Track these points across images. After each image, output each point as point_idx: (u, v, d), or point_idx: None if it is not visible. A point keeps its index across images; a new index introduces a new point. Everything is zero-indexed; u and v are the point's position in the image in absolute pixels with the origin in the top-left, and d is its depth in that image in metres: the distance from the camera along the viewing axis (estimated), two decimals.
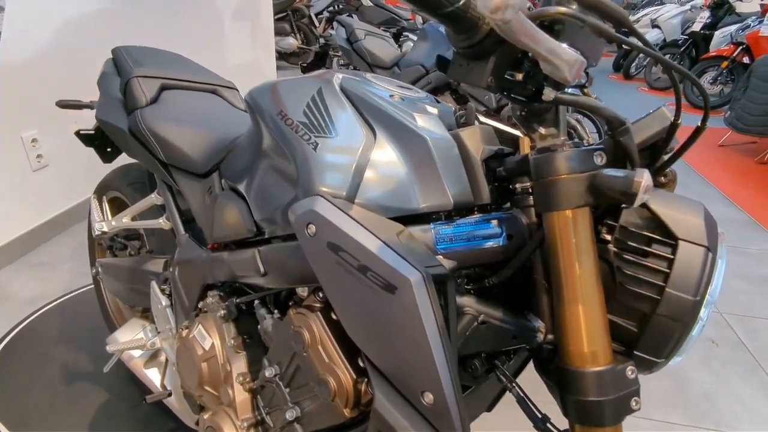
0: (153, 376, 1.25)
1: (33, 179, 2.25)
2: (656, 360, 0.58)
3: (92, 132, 1.39)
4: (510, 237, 0.63)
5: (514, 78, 0.52)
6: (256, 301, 0.88)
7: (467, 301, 0.63)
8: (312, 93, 0.72)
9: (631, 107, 5.42)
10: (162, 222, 1.13)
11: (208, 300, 0.95)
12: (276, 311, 0.85)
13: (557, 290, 0.57)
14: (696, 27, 6.44)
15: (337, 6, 6.66)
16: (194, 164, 1.00)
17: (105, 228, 1.35)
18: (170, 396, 1.14)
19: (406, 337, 0.55)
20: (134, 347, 1.23)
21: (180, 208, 1.11)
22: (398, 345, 0.56)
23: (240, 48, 4.08)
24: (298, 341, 0.70)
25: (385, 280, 0.55)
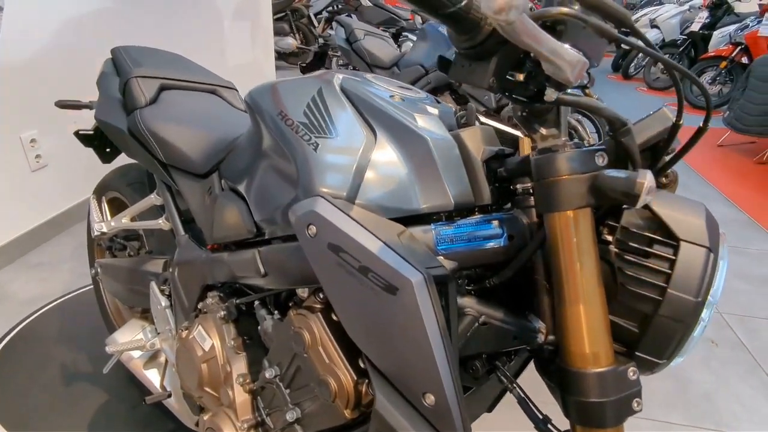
0: (152, 377, 1.25)
1: (32, 179, 2.25)
2: (658, 361, 0.58)
3: (91, 132, 1.39)
4: (511, 238, 0.63)
5: (516, 78, 0.52)
6: (256, 302, 0.87)
7: (468, 302, 0.63)
8: (312, 93, 0.72)
9: (630, 107, 5.41)
10: (161, 222, 1.13)
11: (208, 301, 0.94)
12: (276, 312, 0.85)
13: (558, 291, 0.56)
14: (695, 27, 6.44)
15: (336, 6, 6.65)
16: (194, 164, 0.99)
17: (104, 228, 1.35)
18: (170, 397, 1.14)
19: (408, 339, 0.55)
20: (134, 348, 1.22)
21: (179, 209, 1.11)
22: (399, 346, 0.56)
23: (239, 48, 4.07)
24: (299, 342, 0.70)
25: (387, 281, 0.55)
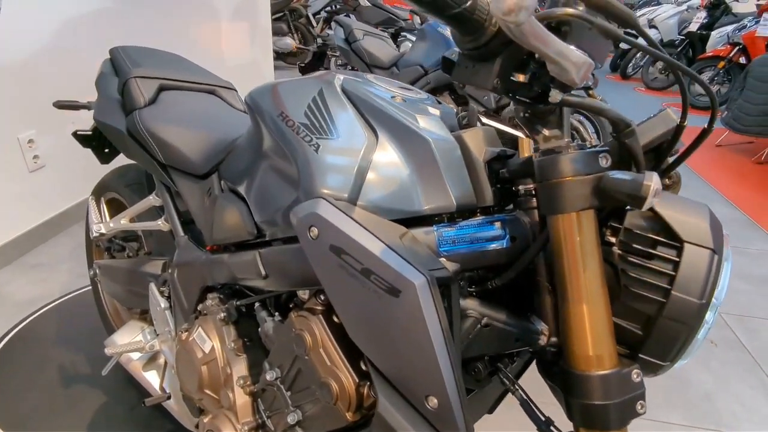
0: (152, 379, 1.24)
1: (30, 180, 2.24)
2: (662, 363, 0.57)
3: (90, 133, 1.39)
4: (513, 239, 0.63)
5: (520, 80, 0.52)
6: (257, 304, 0.87)
7: (470, 304, 0.63)
8: (313, 94, 0.72)
9: (629, 107, 5.42)
10: (160, 223, 1.13)
11: (208, 302, 0.94)
12: (277, 314, 0.84)
13: (562, 293, 0.56)
14: (693, 27, 6.45)
15: (335, 6, 6.65)
16: (193, 165, 0.99)
17: (103, 230, 1.34)
18: (169, 399, 1.13)
19: (410, 341, 0.55)
20: (133, 350, 1.22)
21: (179, 210, 1.10)
22: (402, 349, 0.56)
23: (238, 48, 4.06)
24: (300, 344, 0.70)
25: (389, 284, 0.55)
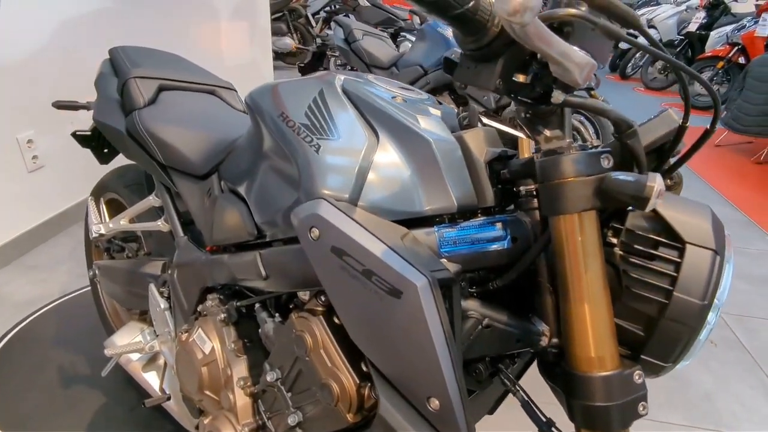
0: (151, 380, 1.24)
1: (29, 180, 2.23)
2: (663, 364, 0.57)
3: (89, 133, 1.38)
4: (514, 240, 0.63)
5: (522, 80, 0.51)
6: (257, 305, 0.87)
7: (471, 305, 0.63)
8: (313, 94, 0.71)
9: (628, 107, 5.42)
10: (160, 224, 1.12)
11: (208, 303, 0.94)
12: (277, 315, 0.84)
13: (564, 294, 0.56)
14: (692, 27, 6.46)
15: (334, 6, 6.65)
16: (193, 166, 0.99)
17: (102, 230, 1.34)
18: (169, 400, 1.13)
19: (412, 343, 0.54)
20: (133, 351, 1.21)
21: (178, 210, 1.10)
22: (403, 350, 0.56)
23: (237, 48, 4.06)
24: (300, 345, 0.70)
25: (391, 285, 0.55)
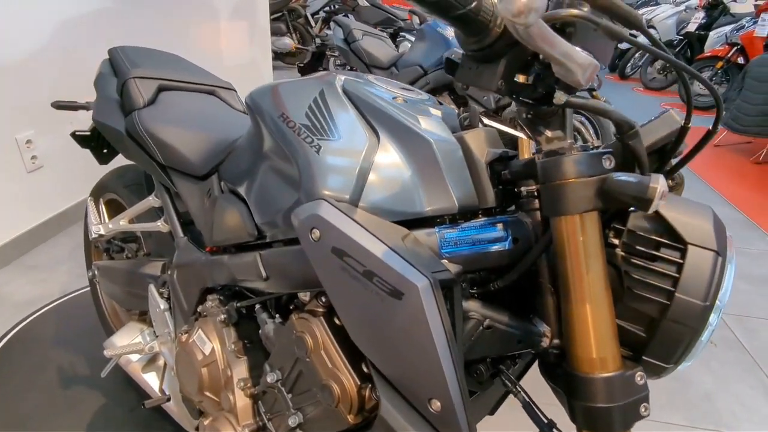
0: (151, 381, 1.24)
1: (28, 180, 2.23)
2: (665, 365, 0.57)
3: (88, 133, 1.38)
4: (516, 241, 0.62)
5: (524, 81, 0.51)
6: (257, 306, 0.86)
7: (472, 306, 0.63)
8: (314, 95, 0.71)
9: (628, 107, 5.43)
10: (160, 225, 1.12)
11: (208, 304, 0.93)
12: (277, 316, 0.84)
13: (565, 295, 0.56)
14: (691, 27, 6.46)
15: (333, 6, 6.64)
16: (193, 166, 0.98)
17: (102, 231, 1.33)
18: (169, 401, 1.13)
19: (413, 344, 0.54)
20: (132, 351, 1.21)
21: (178, 211, 1.10)
22: (404, 351, 0.56)
23: (236, 48, 4.06)
24: (301, 346, 0.70)
25: (392, 286, 0.54)
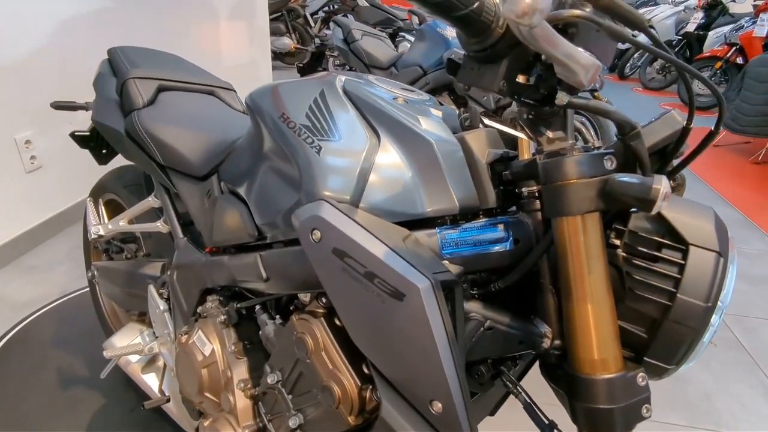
0: (151, 382, 1.23)
1: (27, 181, 2.22)
2: (667, 366, 0.57)
3: (87, 133, 1.38)
4: (517, 241, 0.62)
5: (526, 81, 0.51)
6: (257, 307, 0.86)
7: (473, 307, 0.62)
8: (314, 95, 0.71)
9: (627, 107, 5.43)
10: (159, 225, 1.12)
11: (208, 305, 0.93)
12: (278, 317, 0.84)
13: (567, 296, 0.56)
14: (690, 27, 6.47)
15: (333, 6, 6.64)
16: (192, 167, 0.98)
17: (101, 231, 1.33)
18: (169, 402, 1.12)
19: (414, 345, 0.54)
20: (132, 352, 1.21)
21: (178, 211, 1.10)
22: (406, 353, 0.55)
23: (236, 48, 4.05)
24: (301, 347, 0.69)
25: (393, 287, 0.54)
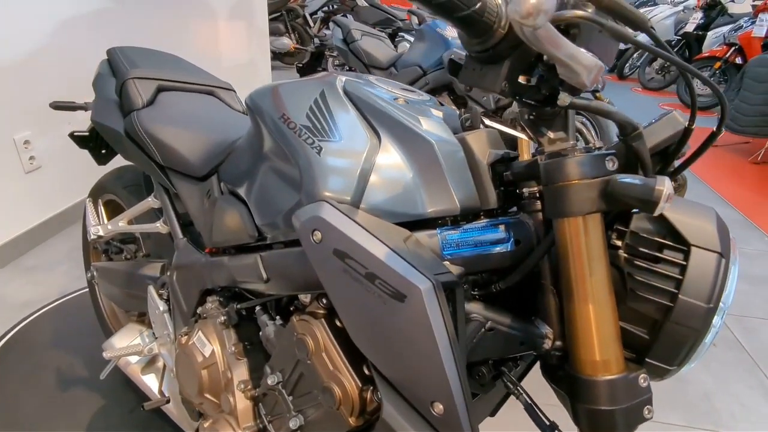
0: (150, 383, 1.23)
1: (26, 181, 2.22)
2: (669, 368, 0.57)
3: (86, 134, 1.38)
4: (518, 242, 0.62)
5: (527, 82, 0.51)
6: (257, 307, 0.86)
7: (474, 308, 0.62)
8: (315, 96, 0.71)
9: (626, 107, 5.43)
10: (159, 226, 1.11)
11: (208, 305, 0.93)
12: (278, 317, 0.84)
13: (568, 297, 0.56)
14: (689, 28, 6.47)
15: (332, 6, 6.64)
16: (192, 167, 0.98)
17: (101, 232, 1.33)
18: (168, 403, 1.12)
19: (416, 346, 0.54)
20: (131, 353, 1.21)
21: (177, 212, 1.09)
22: (407, 354, 0.55)
23: (235, 48, 4.05)
24: (302, 349, 0.69)
25: (394, 289, 0.54)
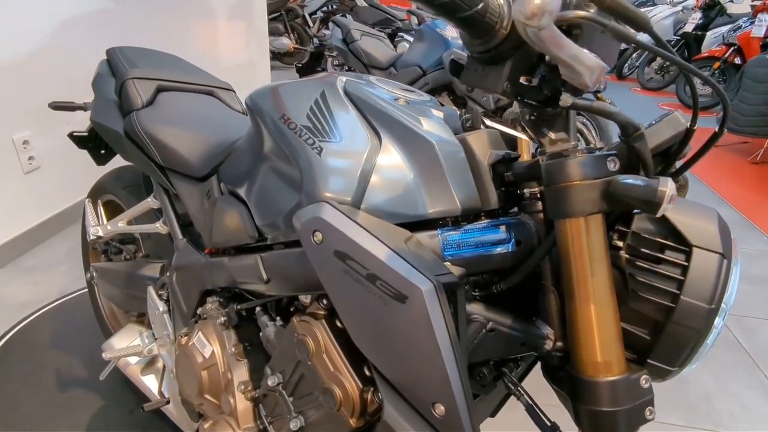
0: (150, 383, 1.23)
1: (25, 181, 2.22)
2: (670, 369, 0.57)
3: (86, 134, 1.37)
4: (519, 243, 0.62)
5: (529, 83, 0.51)
6: (258, 308, 0.86)
7: (475, 308, 0.62)
8: (315, 96, 0.71)
9: (626, 107, 5.43)
10: (159, 226, 1.11)
11: (208, 306, 0.93)
12: (278, 318, 0.83)
13: (569, 298, 0.55)
14: (688, 28, 6.47)
15: (331, 6, 6.64)
16: (192, 167, 0.98)
17: (100, 233, 1.32)
18: (168, 404, 1.12)
19: (417, 348, 0.54)
20: (131, 354, 1.20)
21: (177, 212, 1.09)
22: (408, 355, 0.55)
23: (234, 48, 4.05)
24: (303, 350, 0.69)
25: (395, 290, 0.54)
